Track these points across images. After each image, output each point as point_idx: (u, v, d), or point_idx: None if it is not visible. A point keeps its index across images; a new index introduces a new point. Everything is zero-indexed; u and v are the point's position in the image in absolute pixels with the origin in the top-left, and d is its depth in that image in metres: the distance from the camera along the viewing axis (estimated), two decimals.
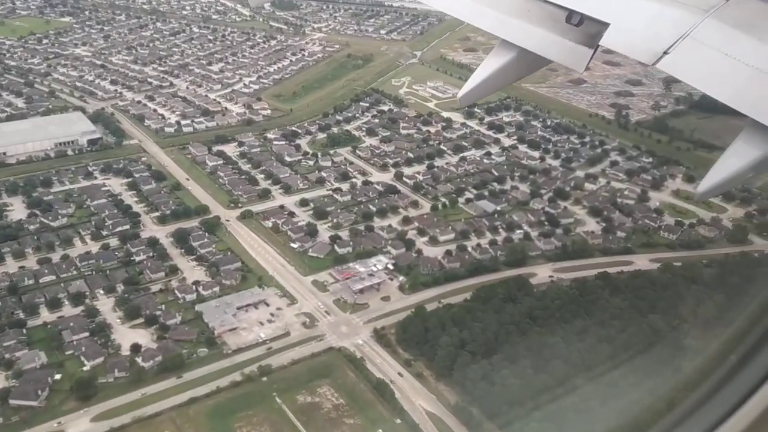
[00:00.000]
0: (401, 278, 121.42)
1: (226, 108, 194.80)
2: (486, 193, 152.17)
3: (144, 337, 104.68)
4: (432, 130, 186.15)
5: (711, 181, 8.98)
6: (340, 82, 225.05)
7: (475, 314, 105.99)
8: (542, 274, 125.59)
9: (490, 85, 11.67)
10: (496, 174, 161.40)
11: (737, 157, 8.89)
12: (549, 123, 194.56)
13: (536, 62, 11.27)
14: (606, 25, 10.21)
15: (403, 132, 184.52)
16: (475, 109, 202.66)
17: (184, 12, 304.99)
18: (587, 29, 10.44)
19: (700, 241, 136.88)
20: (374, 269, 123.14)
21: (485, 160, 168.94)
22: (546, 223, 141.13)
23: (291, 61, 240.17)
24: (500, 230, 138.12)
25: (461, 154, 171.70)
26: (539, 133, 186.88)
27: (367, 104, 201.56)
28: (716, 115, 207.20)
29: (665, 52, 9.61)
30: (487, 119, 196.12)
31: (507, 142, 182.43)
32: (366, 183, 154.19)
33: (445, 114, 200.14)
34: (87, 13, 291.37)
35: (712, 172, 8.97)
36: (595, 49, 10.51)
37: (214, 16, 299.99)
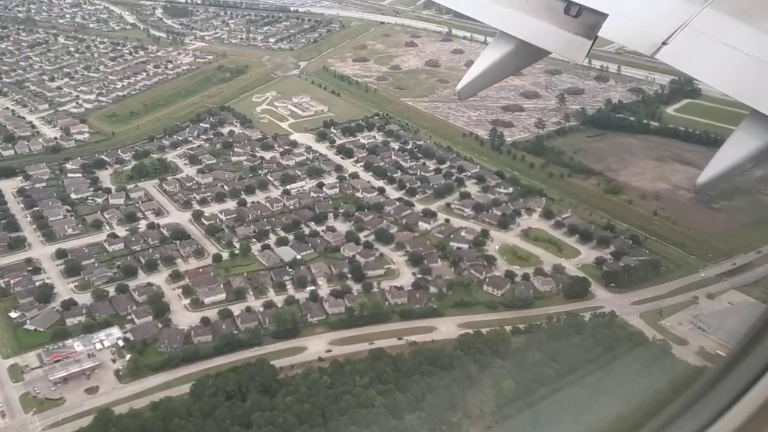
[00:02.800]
0: (129, 358, 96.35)
1: (37, 132, 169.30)
2: (291, 237, 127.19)
3: None
4: (268, 156, 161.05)
5: (711, 172, 8.49)
6: (194, 98, 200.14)
7: (171, 421, 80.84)
8: (315, 348, 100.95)
9: (488, 77, 11.01)
10: (317, 211, 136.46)
11: (737, 147, 8.39)
12: (410, 145, 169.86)
13: (534, 54, 10.86)
14: (605, 15, 9.78)
15: (234, 159, 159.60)
16: (332, 129, 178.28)
17: (61, 21, 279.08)
18: (586, 20, 10.09)
19: (528, 298, 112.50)
20: (98, 347, 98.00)
21: (313, 194, 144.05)
22: (349, 275, 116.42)
23: (148, 75, 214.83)
24: (288, 287, 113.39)
25: (288, 186, 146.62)
26: (393, 157, 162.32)
27: (208, 125, 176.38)
28: (610, 133, 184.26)
29: (664, 43, 9.08)
30: (342, 141, 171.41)
31: (353, 169, 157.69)
32: (151, 226, 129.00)
33: (296, 135, 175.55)
34: None
35: (712, 164, 8.48)
36: (594, 40, 10.09)
37: (91, 25, 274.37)
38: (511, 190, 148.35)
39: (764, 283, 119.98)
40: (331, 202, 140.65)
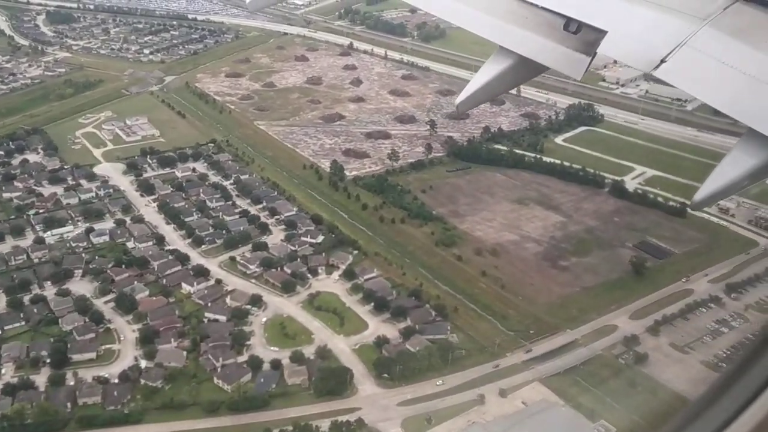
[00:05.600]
0: None
1: None
2: (4, 304, 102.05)
3: None
4: (48, 192, 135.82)
5: (707, 189, 8.65)
6: (14, 118, 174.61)
7: None
8: None
9: (487, 92, 11.45)
10: (63, 266, 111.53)
11: (734, 165, 8.54)
12: (231, 180, 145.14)
13: (534, 69, 11.17)
14: (604, 32, 10.04)
15: (6, 195, 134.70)
16: (149, 158, 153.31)
17: None
18: (585, 37, 10.37)
19: (262, 397, 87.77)
20: None
21: (76, 242, 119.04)
22: (48, 360, 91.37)
23: None
24: None
25: (49, 232, 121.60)
26: (201, 196, 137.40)
27: (3, 152, 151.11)
28: (477, 167, 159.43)
29: (663, 60, 9.37)
30: (153, 174, 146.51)
31: (146, 209, 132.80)
32: None
33: (104, 165, 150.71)
34: None
35: (709, 181, 8.65)
36: (593, 57, 10.33)
37: None
38: (320, 239, 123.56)
39: (581, 372, 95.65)
40: (85, 255, 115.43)
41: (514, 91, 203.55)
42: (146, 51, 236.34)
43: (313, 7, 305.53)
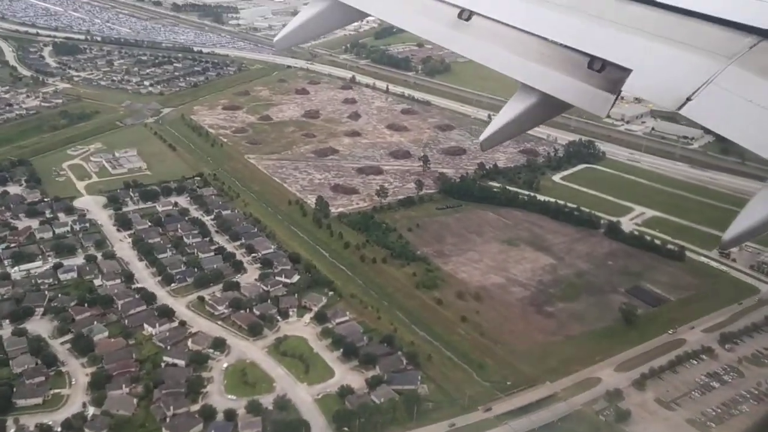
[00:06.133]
0: None
1: None
2: None
3: None
4: (23, 225, 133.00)
5: (736, 229, 8.47)
6: (1, 149, 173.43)
7: None
8: None
9: (511, 129, 11.38)
10: (24, 304, 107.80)
11: (764, 204, 8.41)
12: (212, 215, 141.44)
13: (558, 107, 11.21)
14: (628, 71, 10.00)
15: None
16: (131, 192, 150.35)
17: None
18: (609, 75, 10.35)
19: None
20: None
21: (40, 279, 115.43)
22: None
23: None
24: None
25: (17, 267, 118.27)
26: (179, 232, 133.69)
27: None
28: (468, 204, 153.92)
29: (688, 99, 9.31)
30: (133, 208, 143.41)
31: (120, 245, 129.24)
32: None
33: (85, 198, 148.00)
34: None
35: (738, 220, 8.52)
36: (618, 95, 10.37)
37: None
38: (296, 279, 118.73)
39: (557, 429, 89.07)
40: (49, 292, 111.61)
41: None
42: (146, 83, 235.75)
43: (320, 40, 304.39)
